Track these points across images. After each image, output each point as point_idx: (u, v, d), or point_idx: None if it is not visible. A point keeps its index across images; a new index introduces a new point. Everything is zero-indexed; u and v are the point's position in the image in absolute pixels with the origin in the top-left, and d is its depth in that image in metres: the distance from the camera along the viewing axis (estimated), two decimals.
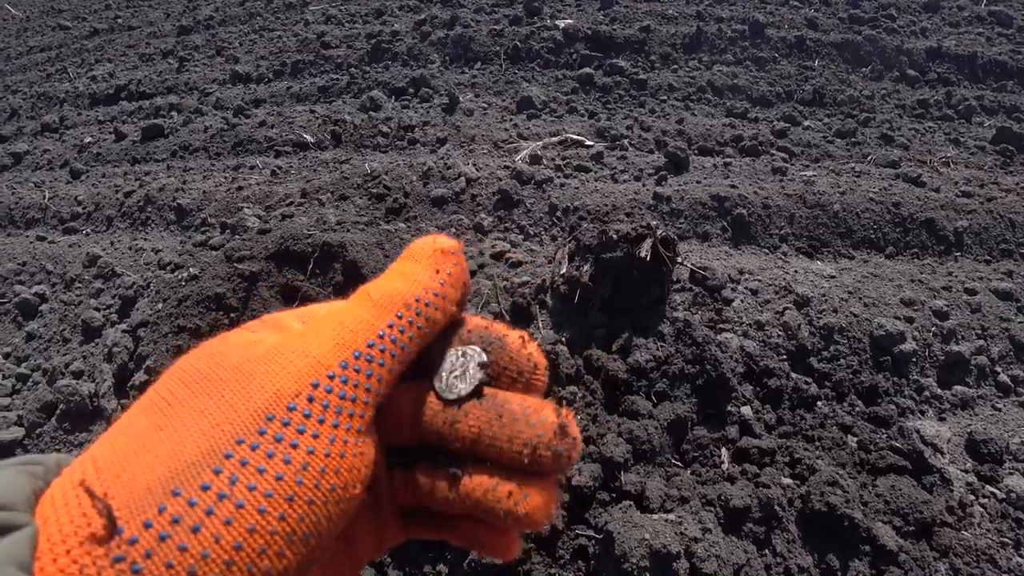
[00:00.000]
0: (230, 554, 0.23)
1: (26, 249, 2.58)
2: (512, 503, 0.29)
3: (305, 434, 0.26)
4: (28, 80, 4.39)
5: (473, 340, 0.32)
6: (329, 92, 3.30)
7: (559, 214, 2.11)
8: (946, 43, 3.41)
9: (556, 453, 0.29)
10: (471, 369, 0.31)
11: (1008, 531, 1.42)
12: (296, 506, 0.25)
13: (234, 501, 0.24)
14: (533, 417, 0.30)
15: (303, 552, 0.25)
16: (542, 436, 0.29)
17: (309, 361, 0.28)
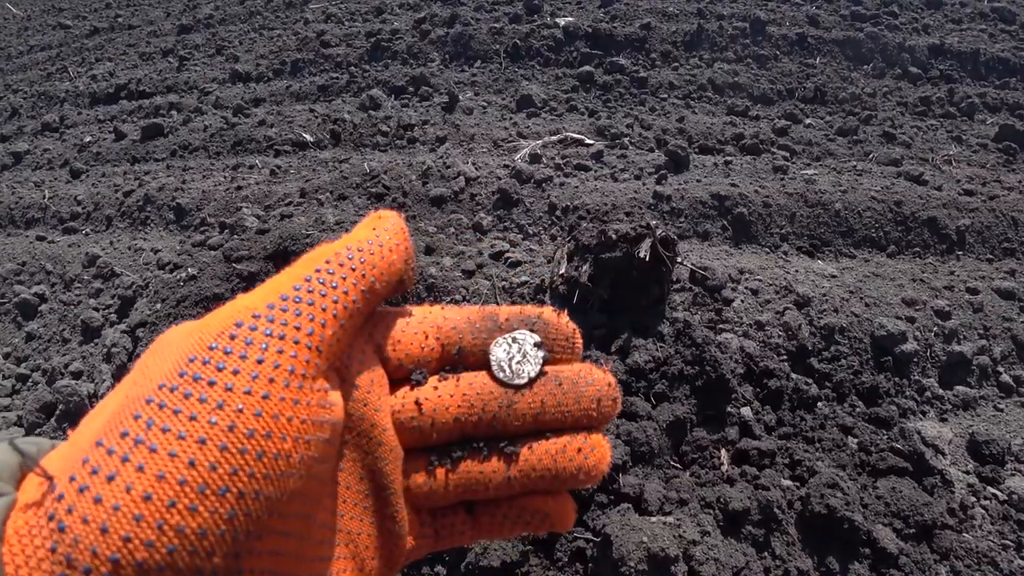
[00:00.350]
0: (139, 506, 0.21)
1: (26, 249, 2.58)
2: (583, 458, 0.31)
3: (224, 371, 0.24)
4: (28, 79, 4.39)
5: (515, 326, 0.34)
6: (328, 91, 3.29)
7: (558, 213, 2.10)
8: (948, 40, 3.39)
9: (614, 400, 0.33)
10: (530, 351, 0.33)
11: (1010, 533, 1.41)
12: (207, 451, 0.22)
13: (148, 445, 0.22)
14: (588, 377, 0.33)
15: (220, 514, 0.22)
16: (601, 390, 0.32)
17: (235, 308, 0.27)
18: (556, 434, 0.32)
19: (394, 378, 0.33)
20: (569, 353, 0.34)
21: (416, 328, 0.33)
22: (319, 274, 0.29)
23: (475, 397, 0.32)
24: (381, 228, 0.33)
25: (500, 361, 0.32)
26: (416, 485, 0.32)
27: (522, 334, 0.33)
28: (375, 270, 0.31)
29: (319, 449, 0.26)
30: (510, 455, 0.32)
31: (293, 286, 0.28)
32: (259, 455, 0.23)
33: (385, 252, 0.31)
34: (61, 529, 0.21)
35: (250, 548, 0.23)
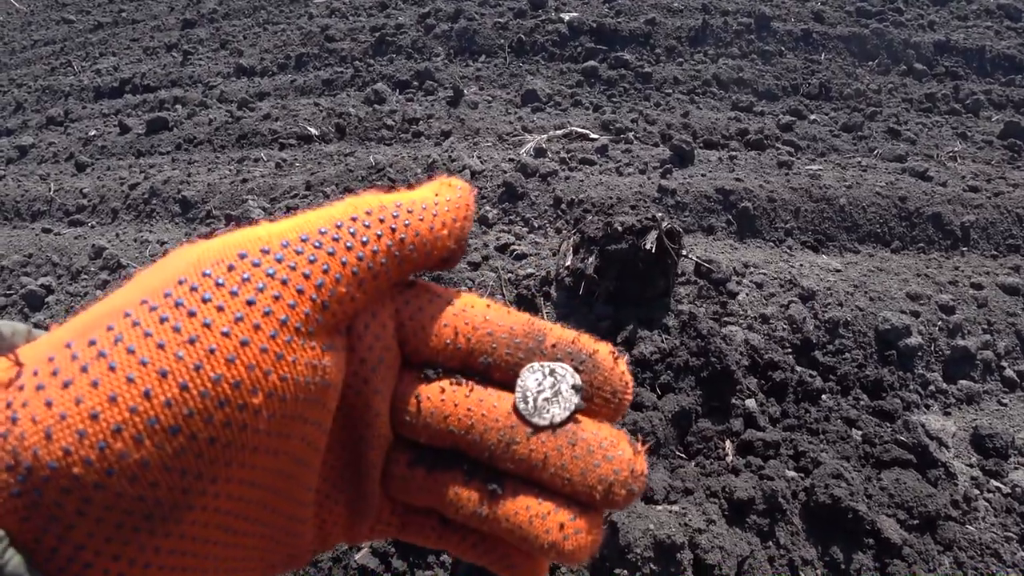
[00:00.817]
0: (84, 423, 0.20)
1: (32, 241, 2.59)
2: (561, 536, 0.26)
3: (208, 304, 0.23)
4: (33, 73, 4.40)
5: (560, 356, 0.29)
6: (333, 85, 3.30)
7: (564, 207, 2.11)
8: (954, 36, 3.38)
9: (629, 491, 0.26)
10: (564, 391, 0.28)
11: (1013, 525, 1.41)
12: (166, 385, 0.21)
13: (108, 362, 0.21)
14: (610, 451, 0.27)
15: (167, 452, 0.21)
16: (619, 473, 0.26)
17: (247, 236, 0.25)
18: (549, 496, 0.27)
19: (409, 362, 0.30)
20: (611, 409, 0.29)
21: (450, 320, 0.29)
22: (353, 223, 0.26)
23: (478, 419, 0.28)
24: (444, 196, 0.29)
25: (527, 391, 0.28)
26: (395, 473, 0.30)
27: (564, 368, 0.28)
28: (418, 238, 0.27)
29: (300, 410, 0.24)
30: (491, 492, 0.28)
31: (319, 228, 0.25)
32: (221, 403, 0.22)
33: (436, 223, 0.28)
34: (13, 420, 0.20)
35: (202, 489, 0.22)
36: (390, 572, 1.30)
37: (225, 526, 0.24)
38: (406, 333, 0.29)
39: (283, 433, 0.24)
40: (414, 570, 1.29)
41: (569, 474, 0.27)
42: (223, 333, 0.22)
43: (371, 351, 0.27)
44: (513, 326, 0.29)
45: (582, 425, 0.28)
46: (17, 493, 0.20)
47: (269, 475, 0.24)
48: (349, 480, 0.29)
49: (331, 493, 0.29)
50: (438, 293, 0.30)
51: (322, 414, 0.25)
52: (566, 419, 0.28)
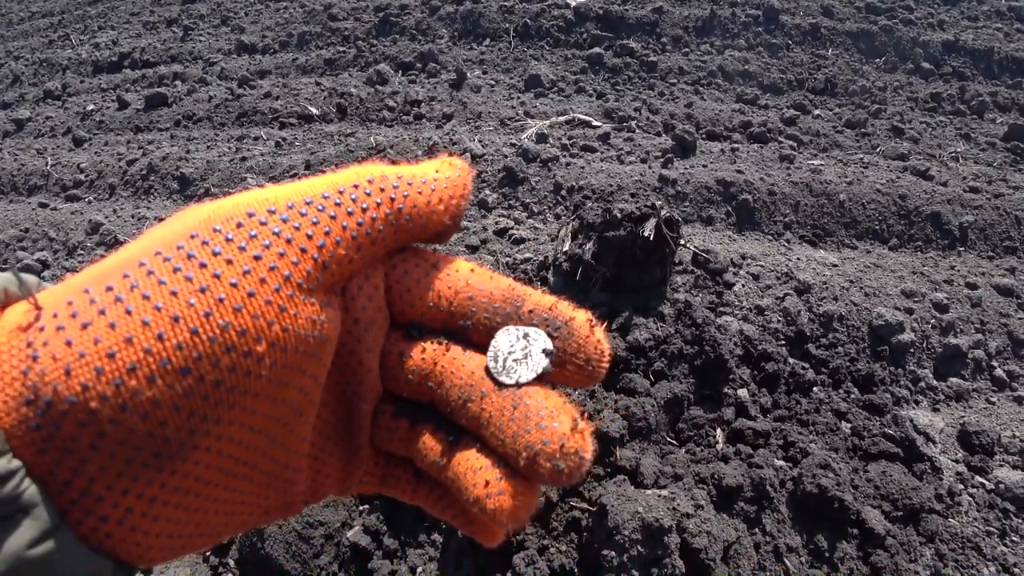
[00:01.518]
0: (102, 361, 0.22)
1: (28, 216, 2.58)
2: (484, 493, 0.27)
3: (219, 257, 0.24)
4: (30, 46, 4.34)
5: (536, 321, 0.29)
6: (335, 65, 3.27)
7: (564, 193, 2.10)
8: (963, 36, 3.36)
9: (555, 468, 0.26)
10: (534, 354, 0.28)
11: (995, 521, 1.43)
12: (178, 329, 0.23)
13: (125, 306, 0.22)
14: (545, 421, 0.26)
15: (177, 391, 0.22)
16: (546, 445, 0.26)
17: (255, 196, 0.26)
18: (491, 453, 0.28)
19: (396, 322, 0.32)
20: (584, 376, 0.29)
21: (433, 284, 0.31)
22: (355, 190, 0.27)
23: (448, 375, 0.29)
24: (443, 173, 0.30)
25: (499, 351, 0.29)
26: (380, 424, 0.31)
27: (537, 333, 0.29)
28: (415, 209, 0.29)
29: (299, 361, 0.25)
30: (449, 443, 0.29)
31: (323, 193, 0.27)
32: (228, 348, 0.23)
33: (433, 197, 0.29)
34: (34, 358, 0.21)
35: (207, 430, 0.23)
36: (381, 550, 1.31)
37: (226, 469, 0.25)
38: (393, 296, 0.30)
39: (283, 382, 0.25)
40: (405, 548, 1.31)
41: (503, 435, 0.27)
42: (231, 284, 0.24)
43: (364, 312, 0.29)
44: (493, 291, 0.30)
45: (530, 392, 0.28)
46: (36, 427, 0.21)
47: (268, 422, 0.26)
48: (342, 434, 0.31)
49: (325, 446, 0.30)
50: (425, 257, 0.31)
51: (318, 367, 0.27)
52: (531, 380, 0.28)
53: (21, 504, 0.20)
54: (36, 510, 0.21)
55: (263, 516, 0.29)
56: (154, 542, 0.24)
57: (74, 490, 0.22)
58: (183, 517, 0.24)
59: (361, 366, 0.29)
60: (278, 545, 1.29)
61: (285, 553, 1.29)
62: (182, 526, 0.25)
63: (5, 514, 0.20)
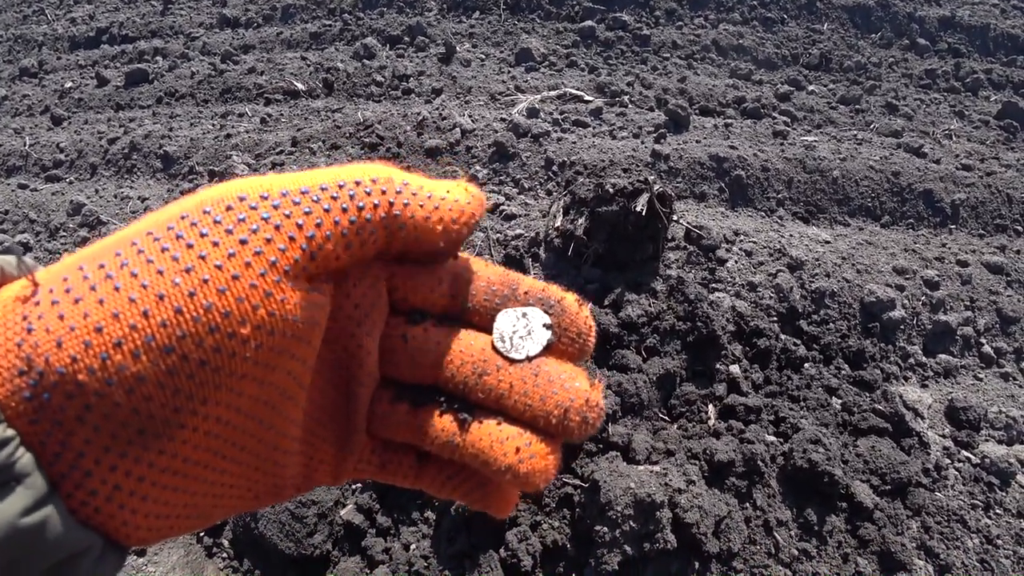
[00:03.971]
0: (90, 334, 0.22)
1: (8, 197, 2.51)
2: (516, 459, 0.28)
3: (206, 238, 0.25)
4: (3, 22, 4.18)
5: (531, 302, 0.32)
6: (321, 39, 3.18)
7: (555, 168, 2.07)
8: (960, 13, 3.33)
9: (584, 419, 0.29)
10: (536, 330, 0.31)
11: (979, 494, 1.46)
12: (163, 307, 0.23)
13: (114, 283, 0.23)
14: (568, 382, 0.30)
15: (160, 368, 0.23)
16: (574, 401, 0.29)
17: (251, 182, 0.27)
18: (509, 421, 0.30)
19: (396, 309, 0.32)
20: (576, 349, 0.32)
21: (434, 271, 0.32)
22: (356, 187, 0.27)
23: (456, 354, 0.31)
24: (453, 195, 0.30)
25: (503, 331, 0.31)
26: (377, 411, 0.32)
27: (534, 311, 0.31)
28: (411, 220, 0.28)
29: (286, 344, 0.26)
30: (462, 421, 0.30)
31: (321, 184, 0.27)
32: (212, 328, 0.24)
33: (434, 215, 0.29)
34: (29, 331, 0.22)
35: (193, 409, 0.24)
36: (375, 527, 1.31)
37: (214, 449, 0.25)
38: (394, 281, 0.31)
39: (269, 364, 0.25)
40: (398, 526, 1.31)
41: (530, 400, 0.29)
42: (216, 266, 0.24)
43: (365, 297, 0.30)
44: (491, 276, 0.32)
45: (545, 361, 0.31)
46: (28, 396, 0.21)
47: (255, 404, 0.26)
48: (336, 419, 0.31)
49: (318, 431, 0.31)
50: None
51: (306, 351, 0.27)
52: (539, 353, 0.31)
53: (15, 472, 0.21)
54: (29, 479, 0.21)
55: (253, 500, 0.29)
56: (142, 521, 0.24)
57: (63, 462, 0.22)
58: (171, 498, 0.25)
59: (361, 349, 0.30)
60: (271, 524, 1.29)
61: (279, 532, 1.28)
62: (171, 507, 0.25)
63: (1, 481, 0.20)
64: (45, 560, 0.22)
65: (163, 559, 1.38)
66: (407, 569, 1.22)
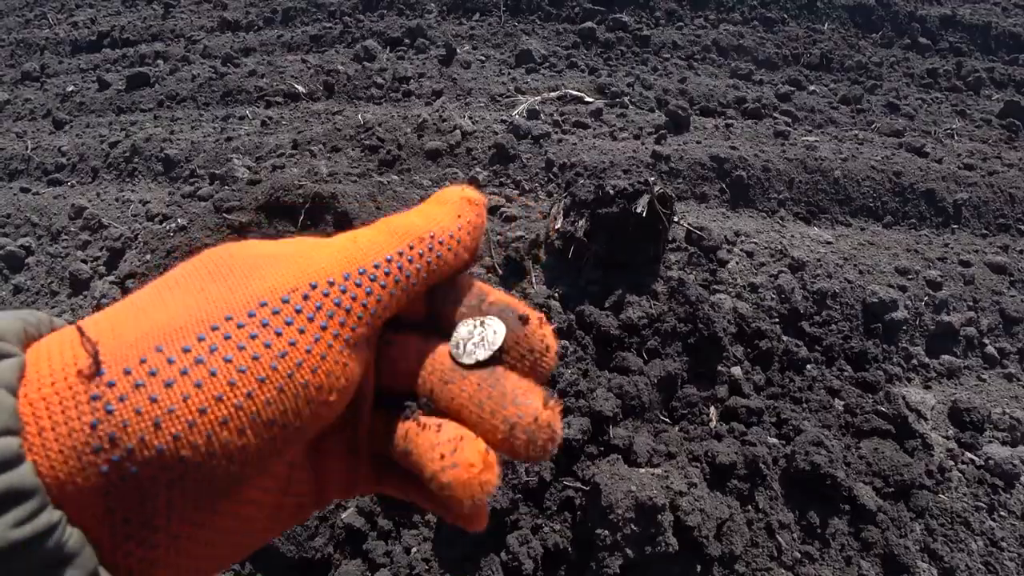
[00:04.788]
0: (193, 415, 0.24)
1: (10, 201, 2.51)
2: (439, 467, 0.28)
3: (292, 326, 0.27)
4: (6, 26, 4.20)
5: (493, 312, 0.33)
6: (322, 41, 3.18)
7: (556, 170, 2.07)
8: (961, 11, 3.31)
9: (530, 439, 0.28)
10: (490, 338, 0.32)
11: (983, 496, 1.45)
12: (265, 389, 0.25)
13: (208, 368, 0.25)
14: (520, 398, 0.29)
15: (264, 438, 0.25)
16: (522, 418, 0.29)
17: (314, 266, 0.29)
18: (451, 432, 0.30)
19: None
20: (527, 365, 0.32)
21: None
22: (400, 258, 0.30)
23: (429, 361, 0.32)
24: (465, 219, 0.33)
25: (459, 337, 0.32)
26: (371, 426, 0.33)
27: (492, 320, 0.32)
28: (445, 264, 0.32)
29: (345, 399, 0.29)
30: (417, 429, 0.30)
31: (373, 263, 0.30)
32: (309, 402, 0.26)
33: (459, 248, 0.32)
34: (108, 411, 0.23)
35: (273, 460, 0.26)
36: (376, 531, 1.31)
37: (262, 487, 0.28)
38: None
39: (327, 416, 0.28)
40: (399, 529, 1.30)
41: (482, 411, 0.30)
42: (307, 351, 0.27)
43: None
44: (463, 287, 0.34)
45: (507, 374, 0.31)
46: (105, 471, 0.22)
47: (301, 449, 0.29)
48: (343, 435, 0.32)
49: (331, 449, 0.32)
50: None
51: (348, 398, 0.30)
52: (487, 359, 0.31)
53: (64, 554, 0.21)
54: (78, 559, 0.22)
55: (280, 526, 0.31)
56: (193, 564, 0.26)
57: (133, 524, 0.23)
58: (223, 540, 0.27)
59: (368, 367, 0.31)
60: None
61: (280, 536, 1.28)
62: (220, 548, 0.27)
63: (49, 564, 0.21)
64: None
65: None
66: (408, 572, 1.22)
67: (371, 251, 0.30)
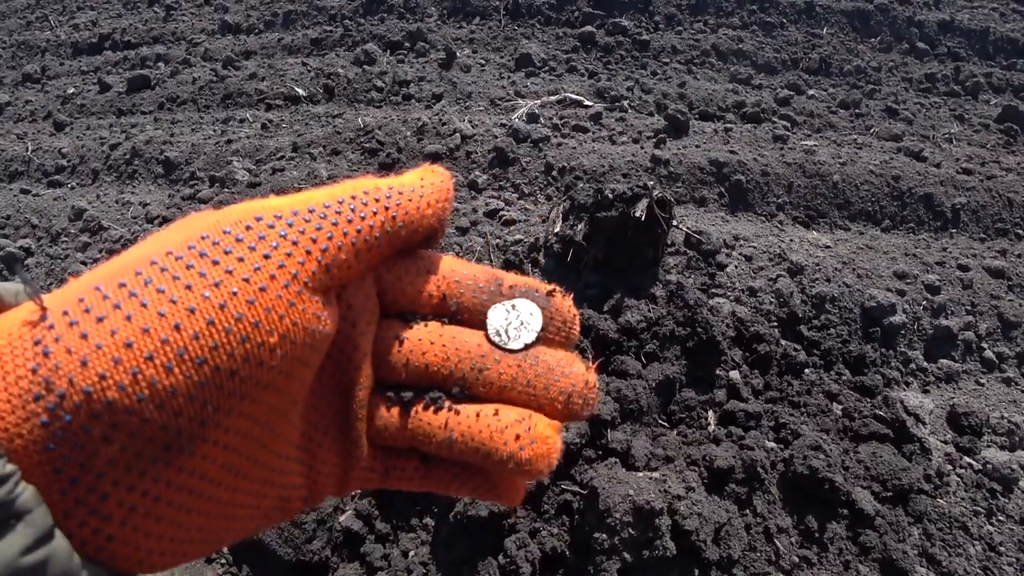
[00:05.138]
0: (119, 351, 0.22)
1: (10, 202, 2.52)
2: (518, 447, 0.29)
3: (230, 255, 0.26)
4: (7, 28, 4.21)
5: (516, 295, 0.33)
6: (322, 44, 3.19)
7: (555, 174, 2.07)
8: (959, 17, 3.33)
9: (586, 401, 0.31)
10: (527, 320, 0.32)
11: (982, 500, 1.45)
12: (194, 320, 0.24)
13: (141, 300, 0.23)
14: (567, 368, 0.31)
15: (192, 378, 0.23)
16: (575, 385, 0.31)
17: (263, 204, 0.28)
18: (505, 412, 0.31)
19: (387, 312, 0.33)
20: (563, 337, 0.33)
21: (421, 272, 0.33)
22: (353, 200, 0.29)
23: (452, 352, 0.32)
24: (428, 180, 0.33)
25: (496, 325, 0.32)
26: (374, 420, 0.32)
27: (523, 302, 0.33)
28: (407, 216, 0.31)
29: (304, 353, 0.27)
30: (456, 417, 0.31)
31: (324, 203, 0.29)
32: (243, 339, 0.24)
33: (422, 204, 0.31)
34: (46, 354, 0.22)
35: (217, 421, 0.24)
36: (374, 534, 1.31)
37: (228, 465, 0.26)
38: (383, 285, 0.32)
39: (290, 373, 0.27)
40: (397, 532, 1.30)
41: (534, 389, 0.31)
42: (244, 279, 0.25)
43: (355, 298, 0.30)
44: (476, 274, 0.33)
45: (542, 349, 0.32)
46: (45, 422, 0.21)
47: (271, 413, 0.27)
48: (338, 427, 0.32)
49: (322, 440, 0.31)
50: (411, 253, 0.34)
51: (317, 359, 0.29)
52: (534, 341, 0.32)
53: (15, 509, 0.20)
54: (30, 516, 0.20)
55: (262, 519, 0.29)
56: (155, 545, 0.24)
57: (80, 487, 0.22)
58: (185, 519, 0.25)
59: (357, 351, 0.31)
60: (271, 530, 1.28)
61: (278, 538, 1.28)
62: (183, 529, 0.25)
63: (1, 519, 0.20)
64: None
65: None
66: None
67: (325, 195, 0.29)
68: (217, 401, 0.24)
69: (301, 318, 0.26)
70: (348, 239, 0.28)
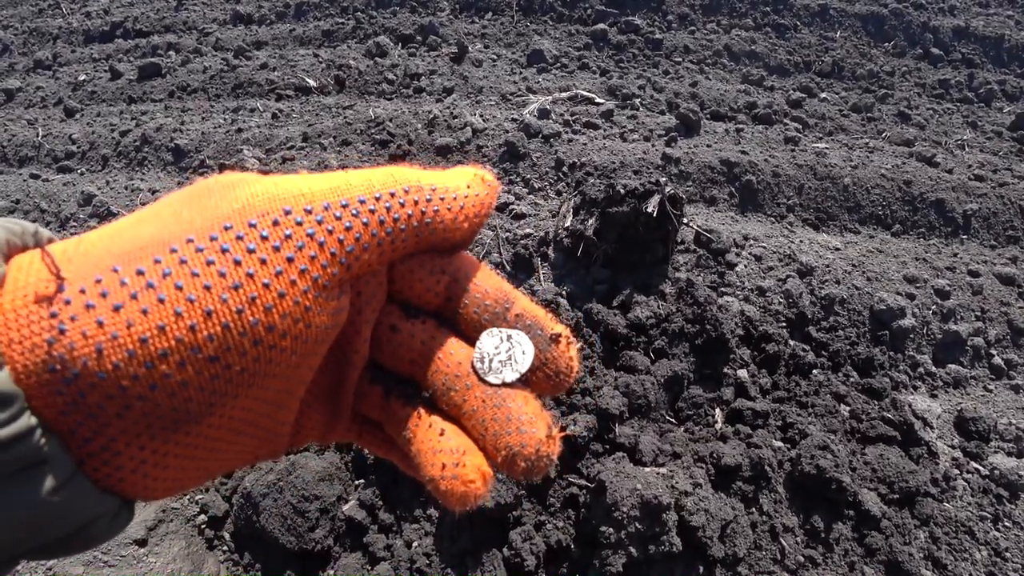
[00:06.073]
0: (135, 344, 0.23)
1: (19, 187, 2.52)
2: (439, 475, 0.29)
3: (253, 255, 0.25)
4: (19, 15, 4.22)
5: (521, 327, 0.31)
6: (334, 36, 3.19)
7: (565, 169, 2.07)
8: (974, 23, 3.31)
9: (529, 467, 0.29)
10: (517, 357, 0.31)
11: (988, 506, 1.44)
12: (210, 323, 0.24)
13: (158, 294, 0.24)
14: (526, 426, 0.29)
15: (205, 376, 0.24)
16: (525, 447, 0.29)
17: (293, 191, 0.27)
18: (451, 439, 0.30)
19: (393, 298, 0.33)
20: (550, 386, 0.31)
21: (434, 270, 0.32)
22: (391, 199, 0.28)
23: (435, 360, 0.31)
24: (474, 189, 0.31)
25: (483, 351, 0.31)
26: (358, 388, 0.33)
27: (520, 337, 0.31)
28: (441, 224, 0.30)
29: (315, 348, 0.27)
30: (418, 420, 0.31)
31: (359, 197, 0.28)
32: (256, 342, 0.25)
33: (460, 215, 0.30)
34: (61, 331, 0.22)
35: (224, 403, 0.25)
36: (377, 524, 1.31)
37: (235, 429, 0.27)
38: (395, 273, 0.32)
39: (299, 365, 0.27)
40: (400, 522, 1.30)
41: (486, 431, 0.29)
42: (264, 284, 0.25)
43: (367, 286, 0.30)
44: (488, 288, 0.32)
45: (513, 395, 0.30)
46: (60, 392, 0.22)
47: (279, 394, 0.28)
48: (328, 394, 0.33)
49: (314, 403, 0.32)
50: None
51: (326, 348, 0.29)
52: (514, 381, 0.30)
53: (41, 456, 0.22)
54: (54, 461, 0.22)
55: (252, 460, 0.31)
56: (160, 485, 0.26)
57: (94, 445, 0.23)
58: (188, 465, 0.26)
59: (358, 336, 0.31)
60: (273, 519, 1.28)
61: (280, 527, 1.28)
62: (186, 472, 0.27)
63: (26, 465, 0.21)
64: (69, 526, 0.24)
65: (164, 550, 1.38)
66: (409, 566, 1.21)
67: (361, 187, 0.28)
68: (226, 390, 0.25)
69: (316, 320, 0.26)
70: (375, 240, 0.28)
